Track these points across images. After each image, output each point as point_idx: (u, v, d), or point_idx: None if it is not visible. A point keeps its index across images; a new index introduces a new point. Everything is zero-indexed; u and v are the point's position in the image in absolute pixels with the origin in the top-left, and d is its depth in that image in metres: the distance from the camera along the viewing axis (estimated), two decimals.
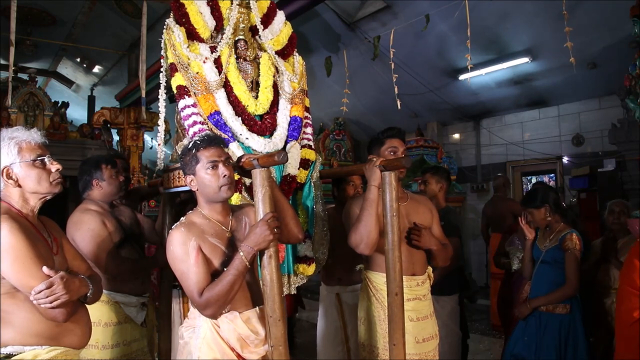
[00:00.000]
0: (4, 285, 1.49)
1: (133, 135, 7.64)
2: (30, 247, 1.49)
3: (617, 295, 2.63)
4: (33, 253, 1.49)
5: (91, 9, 7.63)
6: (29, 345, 1.51)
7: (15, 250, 1.45)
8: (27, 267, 1.46)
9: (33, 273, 1.47)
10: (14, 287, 1.50)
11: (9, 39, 4.32)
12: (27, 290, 1.48)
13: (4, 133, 1.60)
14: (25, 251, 1.47)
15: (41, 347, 1.52)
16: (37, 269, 1.48)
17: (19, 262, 1.46)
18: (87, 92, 10.08)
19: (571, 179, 6.22)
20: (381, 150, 2.27)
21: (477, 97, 7.26)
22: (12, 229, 1.46)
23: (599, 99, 6.55)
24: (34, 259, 1.48)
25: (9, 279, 1.48)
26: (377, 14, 6.05)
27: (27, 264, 1.46)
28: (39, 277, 1.47)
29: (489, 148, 7.86)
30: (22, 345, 1.50)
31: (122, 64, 8.89)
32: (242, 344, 1.70)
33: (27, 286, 1.47)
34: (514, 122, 7.57)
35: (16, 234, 1.46)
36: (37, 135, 1.64)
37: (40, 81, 8.89)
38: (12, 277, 1.47)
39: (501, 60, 6.22)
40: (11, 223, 1.47)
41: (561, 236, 2.85)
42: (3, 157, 1.55)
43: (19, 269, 1.46)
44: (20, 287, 1.49)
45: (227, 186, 1.73)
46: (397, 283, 1.97)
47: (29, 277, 1.47)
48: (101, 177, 2.48)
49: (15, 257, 1.45)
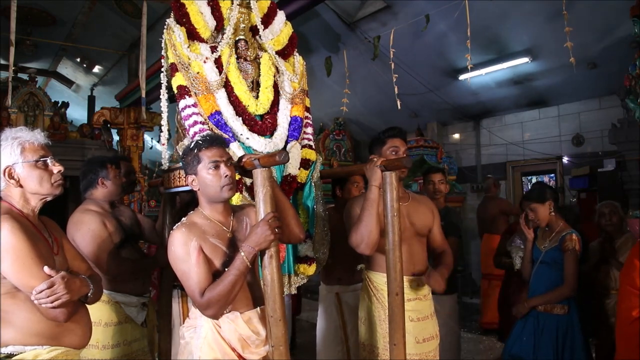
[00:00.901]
0: (5, 285, 1.49)
1: (133, 135, 7.64)
2: (32, 247, 1.49)
3: (618, 295, 2.64)
4: (34, 253, 1.49)
5: (91, 9, 7.62)
6: (29, 345, 1.51)
7: (16, 250, 1.45)
8: (28, 267, 1.46)
9: (34, 273, 1.47)
10: (14, 287, 1.50)
11: (9, 39, 4.32)
12: (28, 290, 1.48)
13: (7, 133, 1.60)
14: (26, 251, 1.47)
15: (42, 347, 1.52)
16: (38, 269, 1.48)
17: (19, 262, 1.46)
18: (87, 92, 10.08)
19: (571, 179, 6.22)
20: (382, 150, 2.27)
21: (477, 97, 7.26)
22: (13, 228, 1.46)
23: (599, 99, 6.55)
24: (35, 259, 1.48)
25: (10, 278, 1.48)
26: (377, 14, 6.05)
27: (28, 263, 1.46)
28: (40, 277, 1.47)
29: (489, 148, 7.87)
30: (22, 345, 1.50)
31: (122, 64, 8.89)
32: (243, 344, 1.70)
33: (28, 286, 1.47)
34: (514, 122, 7.57)
35: (17, 234, 1.46)
36: (40, 136, 1.64)
37: (40, 81, 8.89)
38: (13, 277, 1.47)
39: (501, 60, 6.22)
40: (12, 223, 1.47)
41: (561, 236, 2.84)
42: (5, 157, 1.55)
43: (19, 269, 1.46)
44: (21, 287, 1.49)
45: (228, 186, 1.73)
46: (397, 283, 1.97)
47: (30, 277, 1.47)
48: (107, 176, 2.49)
49: (16, 257, 1.45)
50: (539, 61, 6.13)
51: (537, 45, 5.88)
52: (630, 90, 4.50)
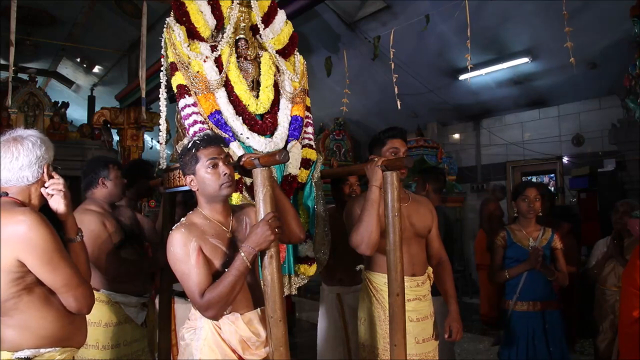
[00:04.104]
0: (24, 281, 1.47)
1: (133, 135, 7.65)
2: (56, 240, 1.49)
3: (620, 295, 2.64)
4: (59, 246, 1.50)
5: (91, 9, 7.62)
6: (43, 348, 1.51)
7: (46, 242, 1.45)
8: (56, 260, 1.47)
9: (62, 265, 1.49)
10: (34, 282, 1.49)
11: (9, 39, 4.32)
12: (53, 284, 1.49)
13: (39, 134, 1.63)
14: (53, 243, 1.47)
15: (55, 349, 1.54)
16: (65, 263, 1.49)
17: (48, 255, 1.46)
18: (87, 92, 10.07)
19: (571, 179, 6.22)
20: (382, 151, 2.25)
21: (477, 97, 7.26)
22: (38, 221, 1.46)
23: (599, 99, 6.55)
24: (62, 252, 1.50)
25: (37, 272, 1.47)
26: (377, 14, 6.05)
27: (57, 257, 1.47)
28: (67, 273, 1.49)
29: (489, 148, 7.87)
30: (37, 349, 1.51)
31: (122, 64, 8.89)
32: (243, 345, 1.69)
33: (55, 280, 1.48)
34: (514, 122, 7.58)
35: (43, 226, 1.46)
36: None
37: (40, 81, 8.89)
38: (40, 270, 1.47)
39: (501, 60, 6.23)
40: (34, 216, 1.47)
41: (550, 235, 2.96)
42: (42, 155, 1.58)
43: (50, 261, 1.47)
44: (48, 281, 1.49)
45: (227, 184, 1.72)
46: (398, 284, 1.96)
47: (59, 270, 1.48)
48: (108, 177, 2.48)
49: (46, 249, 1.45)
50: (539, 61, 6.13)
51: (537, 45, 5.88)
52: (630, 90, 4.50)
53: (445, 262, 2.42)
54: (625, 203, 3.42)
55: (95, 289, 2.09)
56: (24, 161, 1.53)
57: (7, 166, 1.53)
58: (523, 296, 2.89)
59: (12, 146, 1.54)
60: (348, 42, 6.59)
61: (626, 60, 4.65)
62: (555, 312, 2.91)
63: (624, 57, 4.85)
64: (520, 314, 2.89)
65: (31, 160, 1.54)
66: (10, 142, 1.55)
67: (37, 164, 1.56)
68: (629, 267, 2.54)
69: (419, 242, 2.34)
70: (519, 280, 2.90)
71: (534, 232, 2.97)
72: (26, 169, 1.54)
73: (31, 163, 1.54)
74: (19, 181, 1.54)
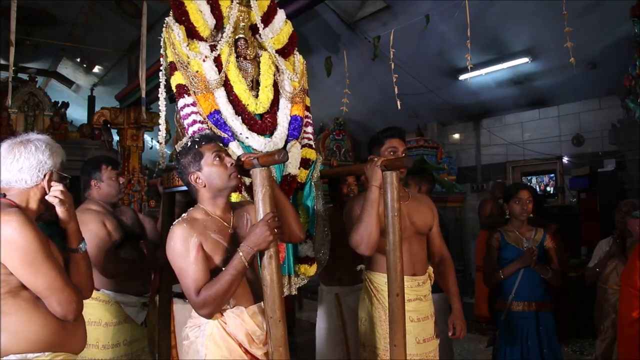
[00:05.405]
0: (9, 283, 1.45)
1: (133, 135, 7.63)
2: (42, 243, 1.47)
3: (619, 296, 2.64)
4: (44, 249, 1.47)
5: (91, 9, 7.62)
6: (31, 353, 1.48)
7: (27, 245, 1.43)
8: (37, 263, 1.44)
9: (46, 269, 1.46)
10: (18, 286, 1.46)
11: (9, 39, 4.31)
12: (35, 288, 1.46)
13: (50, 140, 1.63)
14: (36, 246, 1.45)
15: (44, 354, 1.50)
16: (48, 265, 1.46)
17: (29, 257, 1.43)
18: (87, 92, 10.07)
19: (571, 179, 6.23)
20: (381, 151, 2.26)
21: (477, 97, 7.26)
22: (24, 223, 1.44)
23: (599, 99, 6.55)
24: (46, 255, 1.47)
25: (19, 275, 1.44)
26: (377, 14, 6.05)
27: (39, 260, 1.44)
28: (50, 275, 1.46)
29: (489, 148, 7.87)
30: (24, 353, 1.47)
31: (122, 64, 8.88)
32: (249, 339, 1.69)
33: (37, 283, 1.45)
34: (514, 122, 7.57)
35: (27, 229, 1.44)
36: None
37: (40, 81, 8.89)
38: (21, 273, 1.44)
39: (501, 60, 6.23)
40: (20, 217, 1.44)
41: (542, 236, 3.00)
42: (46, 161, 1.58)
43: (29, 265, 1.44)
44: (31, 285, 1.46)
45: (235, 173, 1.76)
46: (398, 284, 1.96)
47: (42, 273, 1.45)
48: (100, 178, 2.48)
49: (26, 252, 1.43)
50: (539, 61, 6.13)
51: (537, 45, 5.88)
52: (630, 90, 4.50)
53: (447, 259, 2.42)
54: (629, 203, 3.45)
55: (95, 288, 2.08)
56: (24, 164, 1.53)
57: (7, 167, 1.52)
58: (519, 295, 2.90)
59: (16, 148, 1.54)
60: (348, 42, 6.59)
61: (626, 60, 4.65)
62: (548, 313, 2.93)
63: (624, 57, 4.84)
64: (516, 314, 2.90)
65: (31, 163, 1.54)
66: (16, 144, 1.55)
67: (37, 168, 1.55)
68: (628, 268, 2.54)
69: (420, 240, 2.34)
70: (515, 280, 2.91)
71: (526, 233, 3.01)
72: (25, 171, 1.53)
73: (31, 166, 1.54)
74: (17, 183, 1.53)
